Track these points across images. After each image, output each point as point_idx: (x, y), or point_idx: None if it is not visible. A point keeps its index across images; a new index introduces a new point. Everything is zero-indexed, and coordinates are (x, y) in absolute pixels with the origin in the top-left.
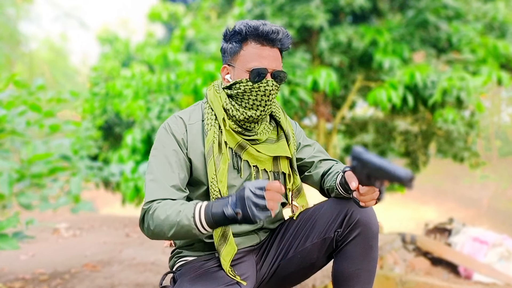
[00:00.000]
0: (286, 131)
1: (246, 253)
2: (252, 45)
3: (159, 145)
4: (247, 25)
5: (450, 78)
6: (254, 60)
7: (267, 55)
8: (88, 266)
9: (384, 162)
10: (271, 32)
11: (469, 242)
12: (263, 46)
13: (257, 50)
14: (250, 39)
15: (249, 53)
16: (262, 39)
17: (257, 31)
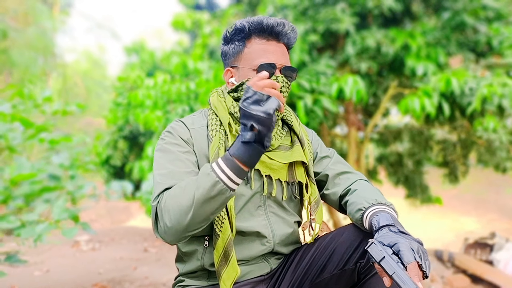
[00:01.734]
0: (300, 135)
1: (255, 284)
2: (257, 41)
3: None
4: (250, 21)
5: (491, 84)
6: (261, 57)
7: (274, 50)
8: (97, 286)
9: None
10: (276, 25)
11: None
12: (269, 41)
13: (262, 45)
14: (254, 35)
15: (254, 49)
16: (267, 33)
17: (261, 25)
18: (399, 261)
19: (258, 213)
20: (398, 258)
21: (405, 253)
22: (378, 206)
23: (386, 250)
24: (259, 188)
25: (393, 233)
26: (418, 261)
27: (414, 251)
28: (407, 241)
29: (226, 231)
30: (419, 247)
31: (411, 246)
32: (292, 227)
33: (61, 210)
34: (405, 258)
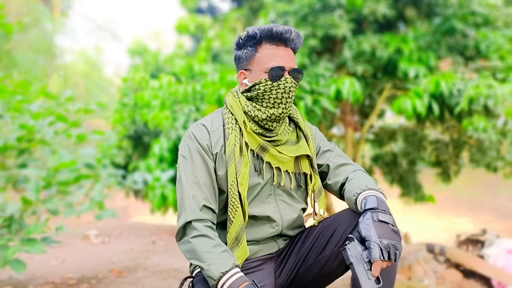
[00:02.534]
0: (305, 131)
1: (265, 261)
2: (267, 46)
3: (186, 155)
4: (261, 29)
5: (477, 86)
6: (271, 60)
7: (283, 54)
8: (114, 272)
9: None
10: (284, 32)
11: (503, 254)
12: (278, 46)
13: (272, 50)
14: (265, 41)
15: (265, 54)
16: (277, 39)
17: (271, 32)
18: (366, 258)
19: (269, 201)
20: (366, 251)
21: (372, 251)
22: (368, 191)
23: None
24: (270, 179)
25: (373, 222)
26: (383, 259)
27: (383, 251)
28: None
29: (239, 218)
30: (388, 243)
31: (381, 242)
32: (298, 213)
33: (99, 193)
34: (372, 255)
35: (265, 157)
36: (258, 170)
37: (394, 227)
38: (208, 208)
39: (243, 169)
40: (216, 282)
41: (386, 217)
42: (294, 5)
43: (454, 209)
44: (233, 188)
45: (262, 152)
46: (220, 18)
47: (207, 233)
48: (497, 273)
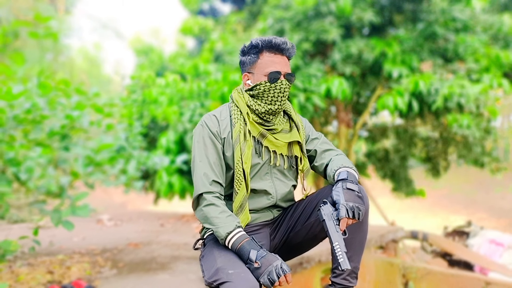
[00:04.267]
0: (296, 122)
1: (262, 226)
2: (267, 54)
3: (199, 139)
4: (262, 40)
5: (451, 85)
6: (270, 66)
7: (279, 61)
8: (131, 245)
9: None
10: (281, 43)
11: (485, 244)
12: (276, 55)
13: (271, 58)
14: (265, 50)
15: (265, 61)
16: (275, 49)
17: (270, 43)
18: (336, 217)
19: (266, 178)
20: (336, 211)
21: (340, 211)
22: (343, 168)
23: (327, 210)
24: (267, 160)
25: (342, 190)
26: (348, 216)
27: (348, 211)
28: (346, 200)
29: (243, 190)
30: (353, 205)
31: (347, 205)
32: (289, 188)
33: (134, 170)
34: (340, 214)
35: (264, 142)
36: (258, 152)
37: (359, 193)
38: (216, 183)
39: (246, 151)
40: (224, 240)
41: (353, 186)
42: (290, 12)
43: (449, 207)
44: (239, 166)
45: (262, 138)
46: (221, 21)
47: (215, 202)
48: (476, 258)
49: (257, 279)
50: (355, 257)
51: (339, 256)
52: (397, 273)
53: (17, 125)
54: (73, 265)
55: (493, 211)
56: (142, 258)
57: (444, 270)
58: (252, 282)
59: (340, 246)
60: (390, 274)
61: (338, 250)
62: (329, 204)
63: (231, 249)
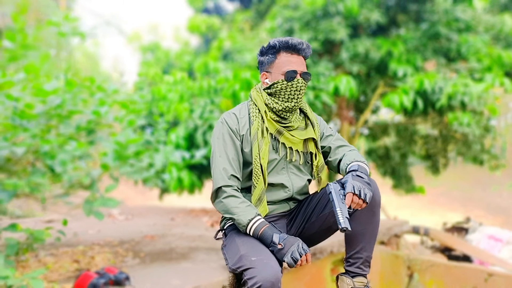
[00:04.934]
0: (311, 120)
1: (279, 217)
2: (284, 54)
3: (219, 136)
4: (280, 41)
5: (455, 84)
6: (287, 65)
7: (296, 61)
8: (147, 237)
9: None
10: (297, 44)
11: (484, 239)
12: (292, 55)
13: (288, 58)
14: (282, 50)
15: (282, 61)
16: (291, 49)
17: (287, 44)
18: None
19: (282, 172)
20: (343, 190)
21: (347, 187)
22: (355, 162)
23: (335, 186)
24: (284, 155)
25: (352, 176)
26: (353, 192)
27: (354, 187)
28: (354, 181)
29: (261, 184)
30: (360, 185)
31: (354, 184)
32: (304, 182)
33: (161, 162)
34: (346, 190)
35: (281, 138)
36: (275, 148)
37: (367, 182)
38: (234, 177)
39: (264, 147)
40: (246, 227)
41: (362, 175)
42: (299, 12)
43: (447, 204)
44: (257, 161)
45: (279, 135)
46: (227, 19)
47: (234, 193)
48: (475, 252)
49: (281, 259)
50: (368, 246)
51: (340, 218)
52: (402, 265)
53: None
54: (96, 255)
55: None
56: (160, 249)
57: (448, 262)
58: (274, 268)
59: (343, 211)
60: (395, 266)
61: (340, 213)
62: (338, 184)
63: (252, 236)
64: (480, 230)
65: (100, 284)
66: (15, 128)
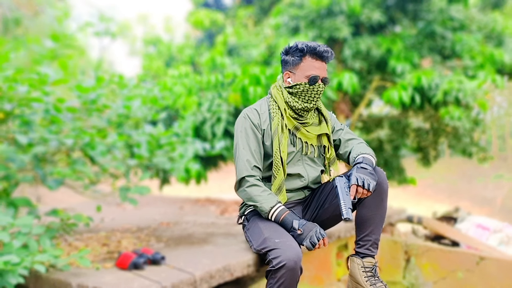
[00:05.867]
0: (325, 116)
1: (296, 204)
2: (309, 59)
3: (242, 129)
4: (307, 46)
5: (450, 81)
6: (311, 70)
7: (319, 66)
8: (163, 224)
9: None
10: (324, 51)
11: (472, 228)
12: (317, 61)
13: (313, 63)
14: (308, 55)
15: (308, 65)
16: (317, 56)
17: (315, 51)
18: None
19: (298, 164)
20: (348, 182)
21: (352, 179)
22: (361, 154)
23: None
24: (300, 149)
25: (357, 169)
26: (357, 184)
27: (358, 179)
28: (358, 173)
29: (281, 174)
30: (364, 176)
31: (358, 176)
32: (318, 173)
33: (190, 154)
34: (350, 182)
35: (298, 134)
36: (292, 143)
37: (371, 172)
38: (256, 168)
39: (283, 141)
40: (268, 213)
41: (367, 166)
42: (304, 10)
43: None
44: (277, 154)
45: (296, 131)
46: (230, 14)
47: (257, 183)
48: (465, 239)
49: (301, 243)
50: (376, 230)
51: (343, 209)
52: (400, 250)
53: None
54: (122, 240)
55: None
56: (179, 235)
57: (443, 247)
58: (296, 248)
59: (346, 203)
60: (394, 251)
61: (343, 205)
62: (344, 177)
63: (274, 221)
64: (469, 220)
65: (140, 263)
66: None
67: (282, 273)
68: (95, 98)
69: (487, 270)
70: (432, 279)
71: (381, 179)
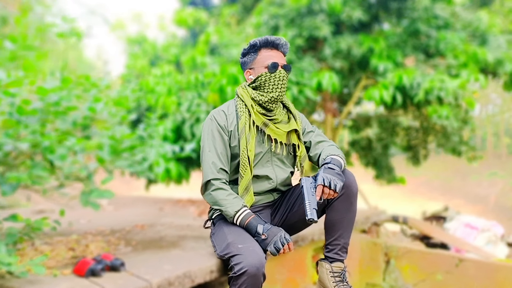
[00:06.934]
0: (294, 113)
1: (264, 208)
2: (265, 50)
3: (208, 132)
4: (259, 39)
5: (432, 80)
6: (269, 59)
7: (276, 55)
8: (138, 226)
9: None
10: (275, 40)
11: (461, 227)
12: (272, 50)
13: (268, 52)
14: (262, 47)
15: (264, 56)
16: (271, 45)
17: (267, 41)
18: (313, 184)
19: (267, 165)
20: (315, 183)
21: (318, 180)
22: (331, 156)
23: (307, 180)
24: (269, 149)
25: (324, 169)
26: (323, 184)
27: (324, 179)
28: (324, 174)
29: (248, 174)
30: (330, 177)
31: (324, 176)
32: (288, 174)
33: (153, 157)
34: (317, 182)
35: (267, 130)
36: (261, 140)
37: (338, 172)
38: (223, 170)
39: (251, 140)
40: (233, 218)
41: (334, 167)
42: (284, 9)
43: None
44: (244, 153)
45: (265, 127)
46: (214, 13)
47: (222, 186)
48: (451, 239)
49: (265, 248)
50: (345, 234)
51: (308, 209)
52: (380, 252)
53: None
54: (90, 243)
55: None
56: (151, 238)
57: (422, 249)
58: (259, 254)
59: (311, 204)
60: (373, 252)
61: (308, 205)
62: (310, 178)
63: (239, 226)
64: (458, 219)
65: (98, 270)
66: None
67: (243, 280)
68: (58, 100)
69: (466, 272)
70: (412, 281)
71: (350, 182)
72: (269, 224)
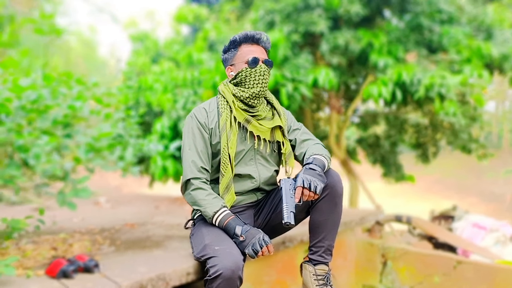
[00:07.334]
0: (278, 110)
1: (247, 208)
2: (245, 45)
3: (189, 130)
4: (239, 35)
5: (432, 76)
6: (249, 54)
7: (256, 50)
8: (128, 225)
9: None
10: (255, 34)
11: (468, 227)
12: (252, 45)
13: (248, 47)
14: (243, 42)
15: (244, 51)
16: (251, 40)
17: (246, 35)
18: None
19: (250, 163)
20: (294, 184)
21: (298, 181)
22: (314, 155)
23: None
24: (252, 146)
25: (305, 170)
26: (302, 186)
27: (304, 181)
28: (304, 175)
29: (229, 172)
30: (311, 178)
31: (304, 177)
32: (272, 173)
33: (132, 156)
34: (296, 183)
35: (249, 127)
36: (243, 137)
37: (319, 173)
38: (203, 169)
39: (232, 137)
40: (211, 218)
41: (315, 167)
42: (280, 4)
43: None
44: (225, 151)
45: (247, 124)
46: (215, 9)
47: (202, 186)
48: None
49: (243, 250)
50: (329, 236)
51: (285, 212)
52: (377, 253)
53: (24, 115)
54: (75, 243)
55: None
56: (137, 237)
57: (420, 250)
58: (235, 256)
59: (288, 206)
60: (370, 253)
61: (285, 208)
62: (290, 179)
63: (218, 227)
64: (466, 218)
65: (69, 271)
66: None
67: (218, 283)
68: (36, 98)
69: (464, 274)
70: (409, 283)
71: (335, 182)
72: (248, 225)
